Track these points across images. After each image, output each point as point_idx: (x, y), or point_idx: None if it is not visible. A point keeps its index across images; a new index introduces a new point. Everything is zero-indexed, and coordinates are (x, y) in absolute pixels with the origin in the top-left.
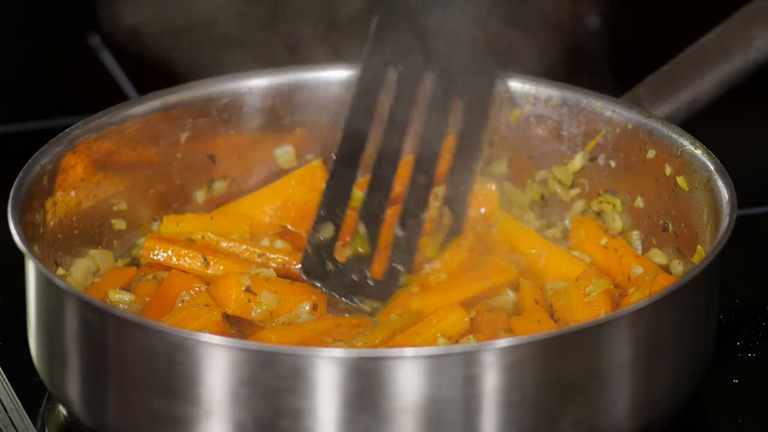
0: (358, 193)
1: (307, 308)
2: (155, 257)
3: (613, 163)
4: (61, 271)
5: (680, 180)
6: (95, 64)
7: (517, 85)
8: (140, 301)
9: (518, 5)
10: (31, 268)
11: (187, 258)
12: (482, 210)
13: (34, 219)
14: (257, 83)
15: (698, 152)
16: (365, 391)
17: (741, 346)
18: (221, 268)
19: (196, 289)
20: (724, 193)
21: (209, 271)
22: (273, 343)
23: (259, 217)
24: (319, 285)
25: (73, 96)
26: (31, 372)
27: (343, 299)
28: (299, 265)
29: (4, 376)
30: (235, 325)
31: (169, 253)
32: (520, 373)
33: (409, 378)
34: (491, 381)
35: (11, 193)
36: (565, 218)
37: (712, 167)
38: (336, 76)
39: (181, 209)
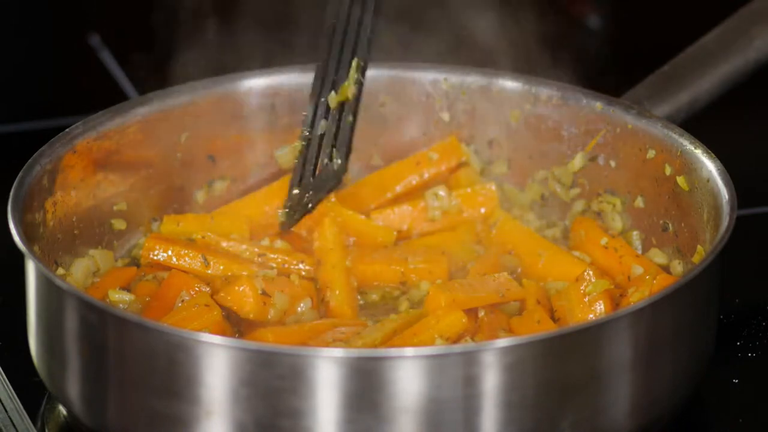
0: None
1: (309, 304)
2: (155, 257)
3: (613, 163)
4: (61, 271)
5: (680, 180)
6: (95, 64)
7: (517, 85)
8: (140, 301)
9: (519, 5)
10: (31, 268)
11: (187, 258)
12: (482, 210)
13: (34, 219)
14: (257, 83)
15: (698, 152)
16: (365, 391)
17: (741, 346)
18: (221, 267)
19: (196, 288)
20: (724, 193)
21: (209, 271)
22: (270, 342)
23: (259, 217)
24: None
25: (73, 96)
26: (31, 372)
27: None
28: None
29: (4, 376)
30: (235, 325)
31: (169, 253)
32: (520, 373)
33: (409, 378)
34: (491, 381)
35: (11, 193)
36: (565, 218)
37: (712, 167)
38: None
39: (181, 209)
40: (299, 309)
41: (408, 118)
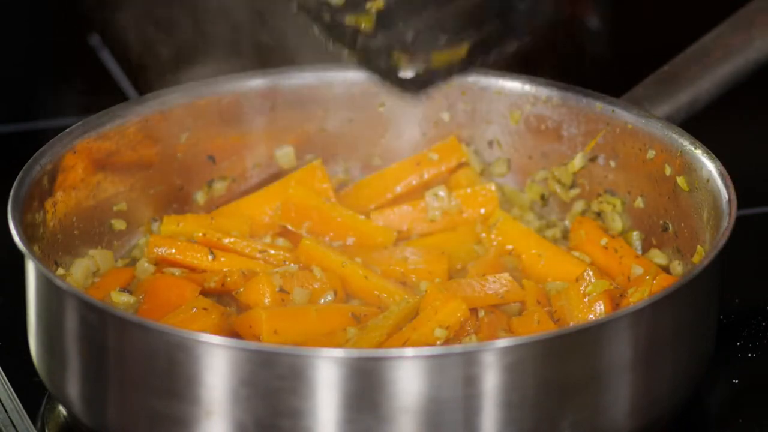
0: None
1: (332, 297)
2: (160, 253)
3: (613, 163)
4: (61, 271)
5: (680, 180)
6: (95, 64)
7: (517, 85)
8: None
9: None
10: (31, 268)
11: (193, 253)
12: (482, 210)
13: (34, 219)
14: (257, 83)
15: (698, 152)
16: (365, 391)
17: (741, 346)
18: (223, 260)
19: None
20: (724, 193)
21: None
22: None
23: (259, 217)
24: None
25: (73, 96)
26: (31, 372)
27: None
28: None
29: (4, 376)
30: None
31: (173, 251)
32: (520, 373)
33: (409, 378)
34: (491, 381)
35: (11, 193)
36: (565, 218)
37: (712, 167)
38: (336, 76)
39: (181, 209)
40: (321, 302)
41: (408, 118)
